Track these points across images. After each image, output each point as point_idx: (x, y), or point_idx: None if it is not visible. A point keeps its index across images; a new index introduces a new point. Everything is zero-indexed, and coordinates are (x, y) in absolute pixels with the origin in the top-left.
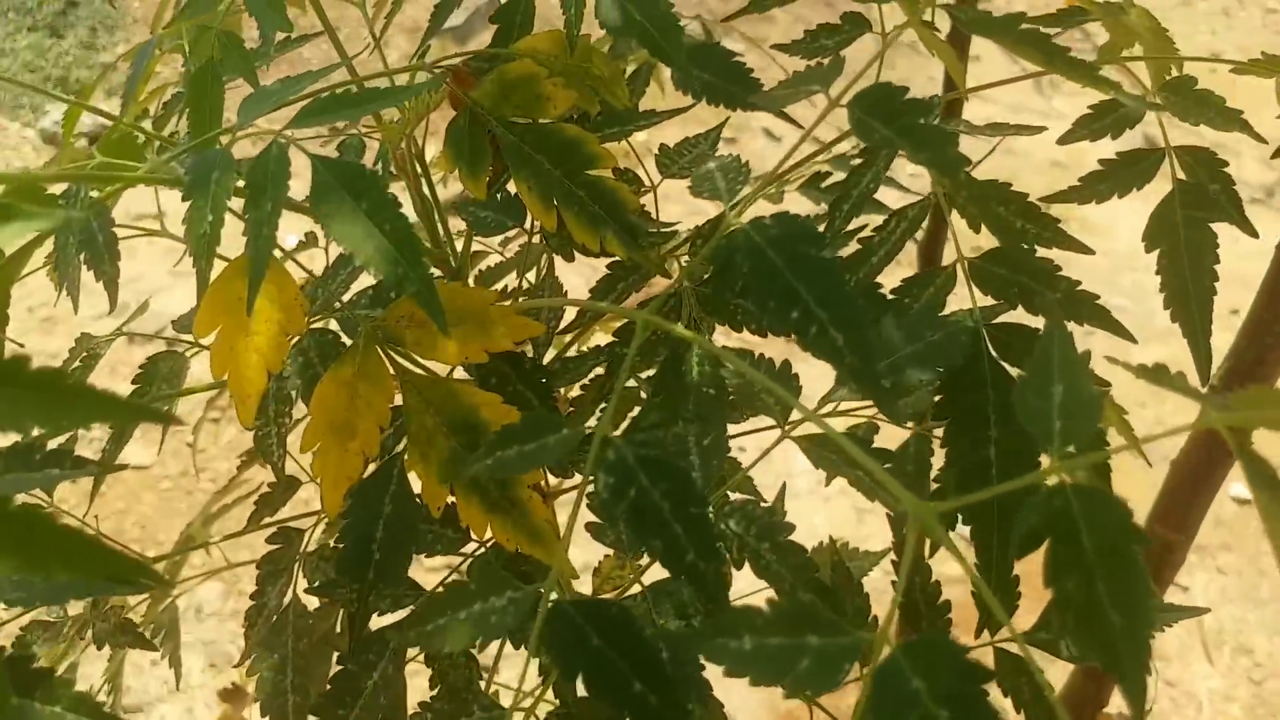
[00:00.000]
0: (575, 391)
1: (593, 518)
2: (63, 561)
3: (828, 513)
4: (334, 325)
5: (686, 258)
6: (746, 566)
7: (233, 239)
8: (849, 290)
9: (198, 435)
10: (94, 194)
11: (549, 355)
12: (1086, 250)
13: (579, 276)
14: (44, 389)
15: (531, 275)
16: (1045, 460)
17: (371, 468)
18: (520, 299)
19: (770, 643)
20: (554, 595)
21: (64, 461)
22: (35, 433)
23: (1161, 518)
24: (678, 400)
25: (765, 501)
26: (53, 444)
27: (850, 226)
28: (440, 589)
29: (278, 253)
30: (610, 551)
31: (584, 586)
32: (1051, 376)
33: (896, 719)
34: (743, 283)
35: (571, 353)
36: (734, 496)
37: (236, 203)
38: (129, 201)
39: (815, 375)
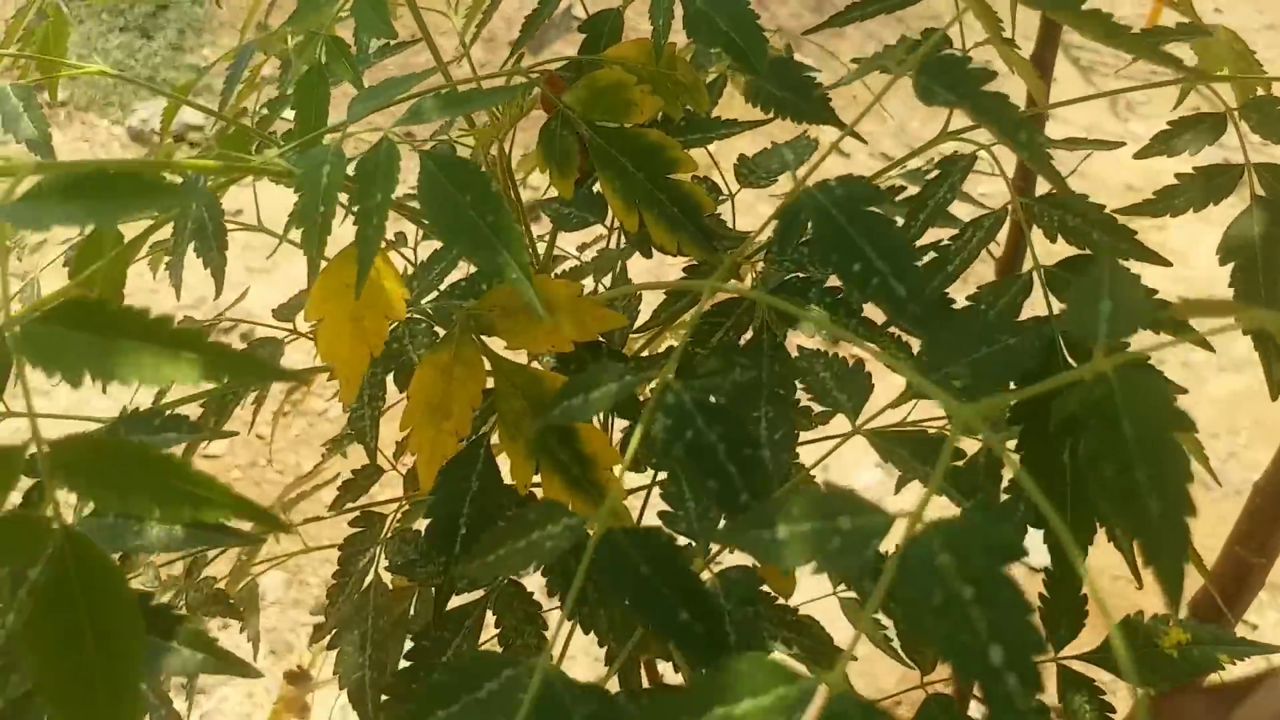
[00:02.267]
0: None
1: (664, 506)
2: (201, 504)
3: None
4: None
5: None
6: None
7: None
8: (908, 246)
9: (275, 425)
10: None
11: None
12: (1163, 261)
13: (649, 278)
14: (186, 345)
15: (606, 280)
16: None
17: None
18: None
19: (802, 527)
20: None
21: (180, 426)
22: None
23: (1242, 540)
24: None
25: None
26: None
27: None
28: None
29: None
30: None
31: None
32: (1101, 292)
33: (921, 594)
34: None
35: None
36: None
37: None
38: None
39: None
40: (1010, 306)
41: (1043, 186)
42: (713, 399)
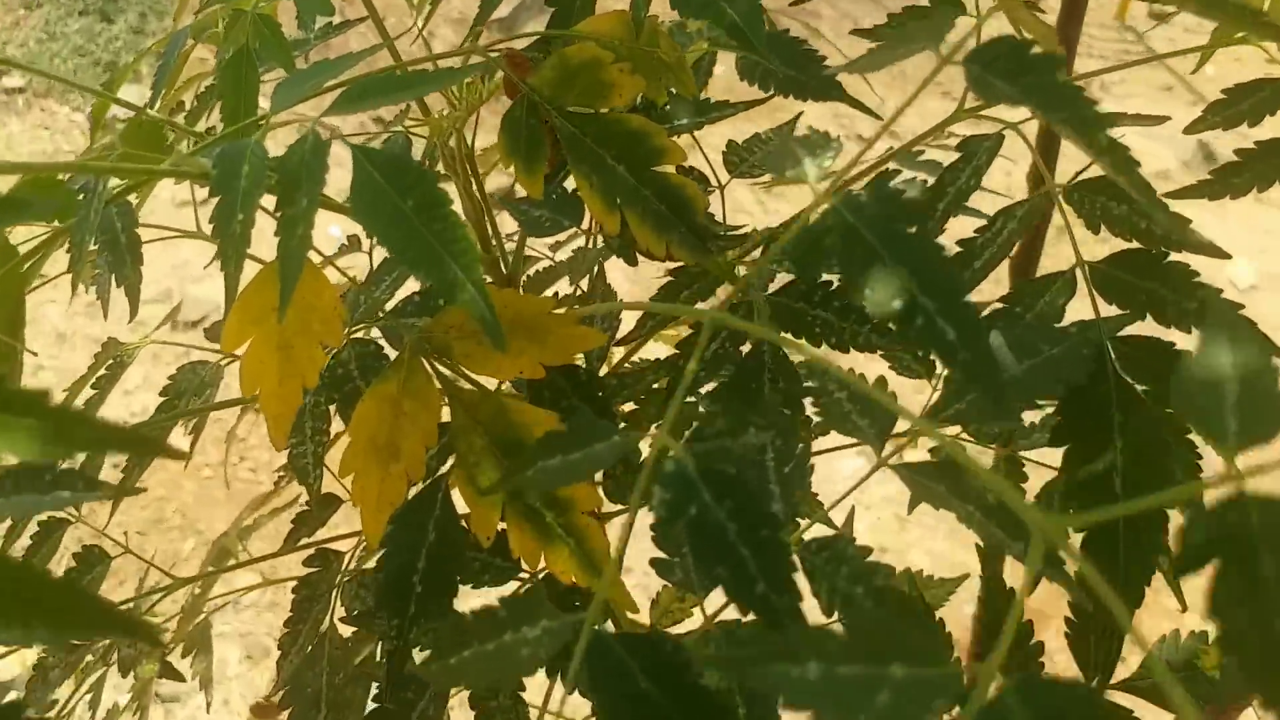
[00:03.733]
0: (628, 407)
1: (656, 552)
2: (46, 617)
3: (869, 520)
4: (376, 335)
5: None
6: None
7: (269, 240)
8: (958, 277)
9: (238, 423)
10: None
11: (602, 370)
12: (1221, 254)
13: (630, 283)
14: (33, 415)
15: (582, 283)
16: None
17: (414, 491)
18: (574, 307)
19: (842, 671)
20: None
21: (75, 483)
22: None
23: None
24: (746, 410)
25: (852, 538)
26: (65, 464)
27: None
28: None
29: (315, 256)
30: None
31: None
32: (1221, 365)
33: None
34: (836, 266)
35: (626, 367)
36: (814, 531)
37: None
38: (175, 190)
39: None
40: (1051, 310)
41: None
42: (721, 467)
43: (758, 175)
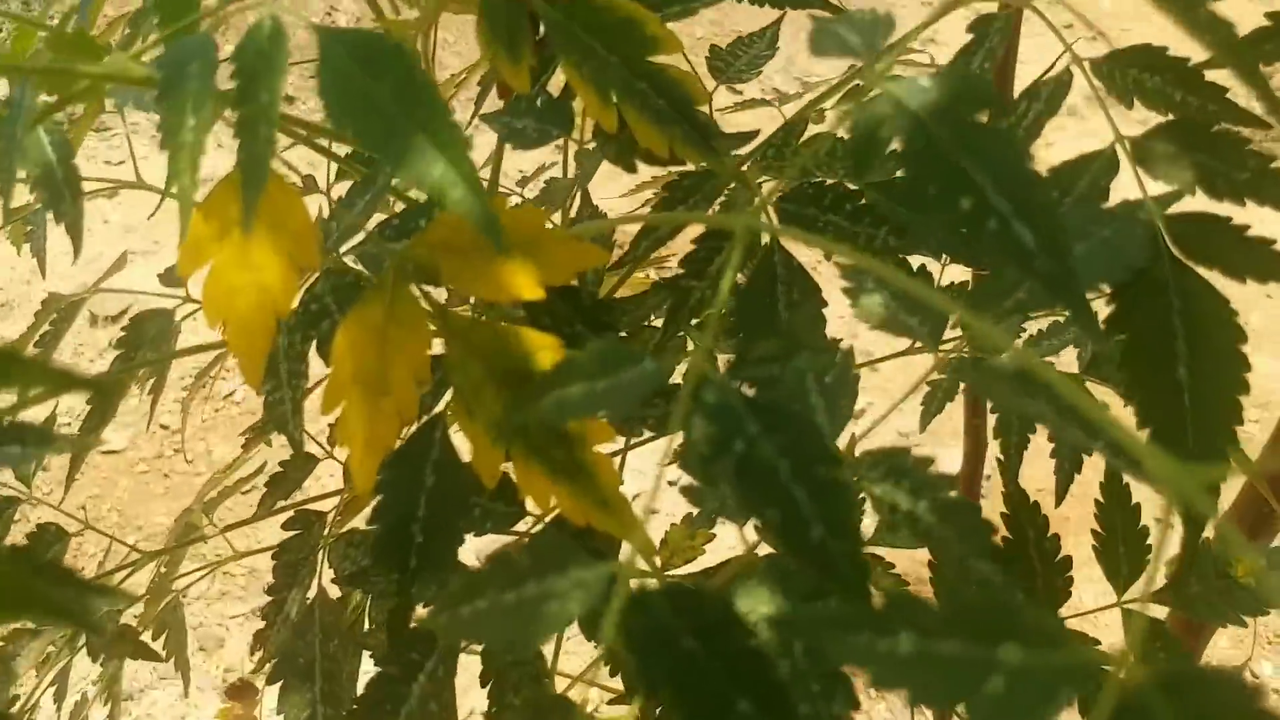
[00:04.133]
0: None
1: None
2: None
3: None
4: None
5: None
6: None
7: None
8: (1034, 172)
9: (187, 408)
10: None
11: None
12: (1262, 124)
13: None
14: None
15: (557, 218)
16: None
17: (407, 433)
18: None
19: (941, 648)
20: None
21: (28, 437)
22: None
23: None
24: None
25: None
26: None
27: None
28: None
29: (286, 174)
30: (679, 519)
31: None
32: None
33: None
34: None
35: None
36: (867, 445)
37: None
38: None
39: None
40: (1094, 191)
41: None
42: (769, 396)
43: (745, 80)
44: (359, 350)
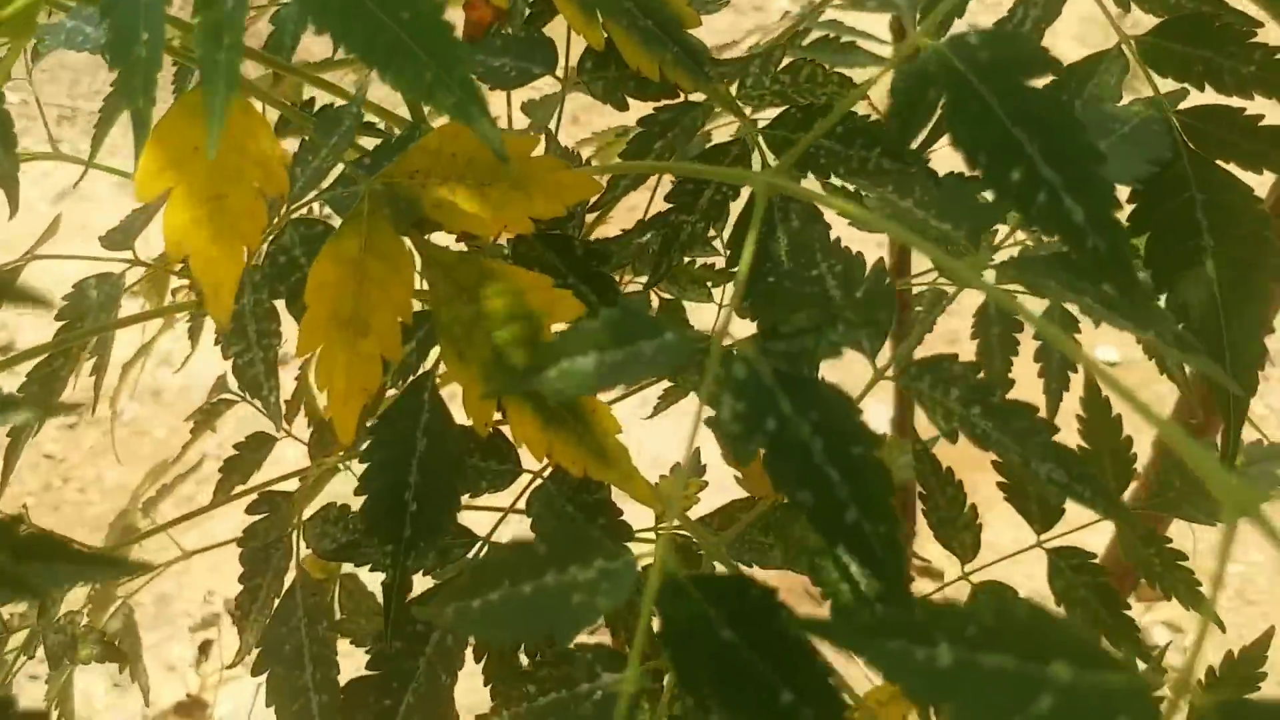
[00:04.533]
0: None
1: (652, 441)
2: None
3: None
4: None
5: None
6: None
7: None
8: (1090, 144)
9: (101, 410)
10: None
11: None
12: (1256, 22)
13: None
14: None
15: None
16: None
17: (392, 394)
18: None
19: (986, 662)
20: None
21: None
22: None
23: None
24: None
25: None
26: None
27: None
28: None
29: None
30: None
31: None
32: None
33: None
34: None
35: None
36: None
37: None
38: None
39: None
40: (1106, 91)
41: None
42: (803, 372)
43: (712, 11)
44: (336, 288)
